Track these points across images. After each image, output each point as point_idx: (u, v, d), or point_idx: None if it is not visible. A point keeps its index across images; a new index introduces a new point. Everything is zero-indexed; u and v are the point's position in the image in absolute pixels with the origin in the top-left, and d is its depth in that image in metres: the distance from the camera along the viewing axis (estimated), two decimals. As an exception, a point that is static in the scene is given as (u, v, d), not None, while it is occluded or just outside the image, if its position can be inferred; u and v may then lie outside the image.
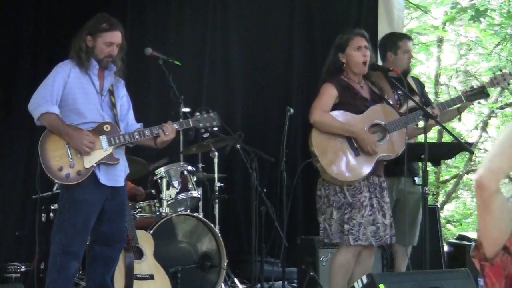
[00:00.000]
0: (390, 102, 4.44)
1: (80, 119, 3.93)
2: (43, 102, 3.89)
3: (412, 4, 10.43)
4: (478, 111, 11.63)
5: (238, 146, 5.02)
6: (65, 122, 3.89)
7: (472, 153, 8.68)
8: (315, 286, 4.87)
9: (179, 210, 5.27)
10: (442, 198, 12.33)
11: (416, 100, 4.46)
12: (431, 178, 11.59)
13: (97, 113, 3.97)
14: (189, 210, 5.33)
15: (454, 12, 10.81)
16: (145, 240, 4.67)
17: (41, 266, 4.73)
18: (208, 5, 6.84)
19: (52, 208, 4.86)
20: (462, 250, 6.02)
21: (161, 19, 6.70)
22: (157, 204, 5.18)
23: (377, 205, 4.25)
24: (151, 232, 4.80)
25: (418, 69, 11.70)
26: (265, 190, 4.90)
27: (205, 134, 4.37)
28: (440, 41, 12.20)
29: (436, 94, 11.79)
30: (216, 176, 5.45)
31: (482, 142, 12.17)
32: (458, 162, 12.17)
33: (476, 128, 12.11)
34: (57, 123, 3.88)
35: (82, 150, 3.85)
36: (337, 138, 4.26)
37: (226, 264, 5.12)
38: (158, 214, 5.11)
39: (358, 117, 4.28)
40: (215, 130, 4.22)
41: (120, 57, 4.07)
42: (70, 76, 3.96)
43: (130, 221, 4.52)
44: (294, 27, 7.10)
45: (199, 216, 5.20)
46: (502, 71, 4.74)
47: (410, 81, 4.94)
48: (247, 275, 5.51)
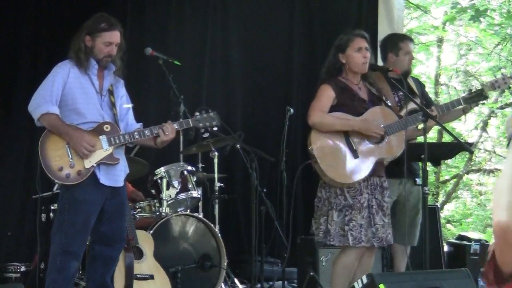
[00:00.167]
0: (389, 104, 4.42)
1: (80, 119, 3.93)
2: (43, 102, 3.89)
3: (412, 4, 10.43)
4: (478, 111, 11.62)
5: (238, 146, 5.02)
6: (65, 122, 3.89)
7: (472, 153, 8.71)
8: (315, 286, 4.87)
9: (179, 210, 5.26)
10: (442, 198, 12.32)
11: (416, 101, 4.45)
12: (431, 178, 11.59)
13: (96, 113, 3.97)
14: (189, 210, 5.32)
15: (454, 12, 10.81)
16: (145, 240, 4.67)
17: (41, 266, 4.73)
18: (208, 5, 6.83)
19: (52, 208, 4.85)
20: (462, 250, 6.02)
21: (161, 19, 6.70)
22: (157, 204, 5.17)
23: (376, 206, 4.24)
24: (151, 232, 4.80)
25: (418, 69, 11.70)
26: (265, 190, 4.90)
27: (205, 134, 4.36)
28: (440, 41, 12.20)
29: (436, 94, 11.78)
30: (216, 176, 5.44)
31: (482, 142, 12.18)
32: (458, 162, 12.16)
33: (476, 128, 12.11)
34: (57, 123, 3.88)
35: (80, 152, 3.84)
36: (336, 140, 4.24)
37: (226, 264, 5.12)
38: (158, 214, 5.11)
39: (357, 118, 4.26)
40: (215, 130, 4.21)
41: (119, 56, 4.07)
42: (69, 76, 3.96)
43: (130, 221, 4.52)
44: (294, 27, 7.10)
45: (199, 216, 5.20)
46: (503, 74, 4.73)
47: (410, 81, 4.92)
48: (247, 275, 5.51)
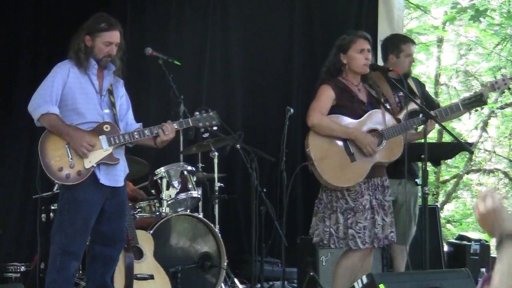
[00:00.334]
0: (388, 107, 4.40)
1: (79, 119, 3.92)
2: (43, 102, 3.89)
3: (412, 4, 10.43)
4: (478, 111, 11.61)
5: (238, 146, 5.02)
6: (65, 122, 3.89)
7: (472, 153, 8.69)
8: (315, 286, 4.87)
9: (179, 210, 5.26)
10: (442, 198, 12.32)
11: (416, 101, 4.44)
12: (431, 178, 11.58)
13: (96, 113, 3.97)
14: (189, 210, 5.32)
15: (454, 12, 10.80)
16: (145, 240, 4.66)
17: (41, 266, 4.73)
18: (208, 5, 6.83)
19: (52, 208, 4.85)
20: (462, 250, 6.02)
21: (161, 19, 6.69)
22: (157, 204, 5.17)
23: (377, 206, 4.23)
24: (151, 232, 4.80)
25: (418, 69, 11.69)
26: (265, 190, 4.89)
27: (205, 134, 4.36)
28: (440, 41, 12.19)
29: (436, 94, 11.78)
30: (216, 176, 5.44)
31: (482, 142, 12.17)
32: (458, 162, 12.15)
33: (476, 128, 12.10)
34: (57, 124, 3.88)
35: (80, 152, 3.84)
36: (334, 143, 4.22)
37: (226, 264, 5.12)
38: (158, 214, 5.11)
39: (356, 122, 4.25)
40: (215, 129, 4.21)
41: (119, 56, 4.07)
42: (69, 76, 3.95)
43: (130, 221, 4.52)
44: (294, 27, 7.10)
45: (199, 216, 5.20)
46: (503, 75, 4.71)
47: (410, 82, 4.90)
48: (247, 275, 5.51)
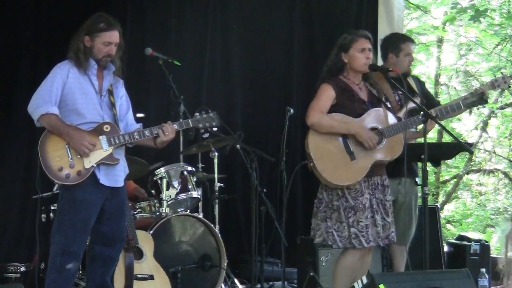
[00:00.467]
0: (389, 106, 4.40)
1: (79, 119, 3.92)
2: (42, 103, 3.89)
3: (412, 4, 10.42)
4: (478, 111, 11.61)
5: (238, 146, 5.02)
6: (65, 122, 3.89)
7: (472, 153, 8.70)
8: (315, 286, 4.87)
9: (179, 210, 5.26)
10: (442, 198, 12.32)
11: (416, 101, 4.44)
12: (431, 178, 11.58)
13: (96, 113, 3.96)
14: (189, 211, 5.32)
15: (454, 12, 10.80)
16: (145, 240, 4.67)
17: (41, 266, 4.73)
18: (208, 5, 6.83)
19: (52, 208, 4.85)
20: (462, 250, 6.02)
21: (161, 19, 6.69)
22: (157, 204, 5.17)
23: (376, 205, 4.24)
24: (151, 232, 4.80)
25: (418, 69, 11.69)
26: (265, 190, 4.89)
27: (205, 134, 4.36)
28: (440, 41, 12.18)
29: (436, 94, 11.77)
30: (216, 176, 5.44)
31: (482, 142, 12.17)
32: (458, 162, 12.15)
33: (476, 128, 12.09)
34: (57, 124, 3.87)
35: (81, 151, 3.84)
36: (333, 142, 4.22)
37: (226, 264, 5.12)
38: (158, 214, 5.11)
39: (355, 120, 4.25)
40: (215, 130, 4.21)
41: (118, 56, 4.06)
42: (68, 76, 3.95)
43: (130, 221, 4.52)
44: (294, 27, 7.10)
45: (199, 216, 5.20)
46: (503, 73, 4.71)
47: (410, 80, 4.91)
48: (247, 275, 5.51)
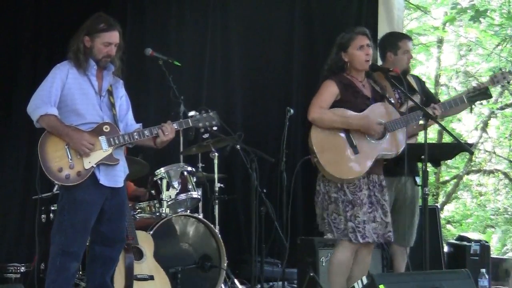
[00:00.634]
0: (392, 101, 4.43)
1: (79, 120, 3.92)
2: (42, 104, 3.88)
3: (412, 4, 10.43)
4: (478, 112, 11.62)
5: (238, 147, 5.01)
6: (64, 123, 3.89)
7: (472, 153, 8.68)
8: (315, 287, 4.87)
9: (179, 210, 5.26)
10: (442, 198, 12.32)
11: (416, 99, 4.45)
12: (431, 178, 11.58)
13: (96, 113, 3.96)
14: (189, 211, 5.32)
15: (454, 12, 10.80)
16: (145, 240, 4.66)
17: (41, 266, 4.73)
18: (208, 5, 6.83)
19: (52, 208, 4.86)
20: (462, 251, 6.02)
21: (161, 19, 6.69)
22: (157, 204, 5.17)
23: (376, 203, 4.25)
24: (151, 232, 4.79)
25: (418, 69, 11.69)
26: (265, 190, 4.90)
27: (205, 135, 4.37)
28: (440, 41, 12.19)
29: (436, 95, 11.78)
30: (216, 176, 5.45)
31: (482, 143, 12.17)
32: (458, 162, 12.15)
33: (476, 128, 12.10)
34: (56, 124, 3.87)
35: (81, 151, 3.84)
36: (336, 136, 4.24)
37: (226, 264, 5.12)
38: (158, 214, 5.11)
39: (358, 114, 4.27)
40: (215, 129, 4.21)
41: (118, 56, 4.06)
42: (68, 77, 3.95)
43: (130, 221, 4.52)
44: (294, 27, 7.10)
45: (199, 216, 5.20)
46: (502, 70, 4.74)
47: (410, 79, 4.93)
48: (247, 275, 5.51)
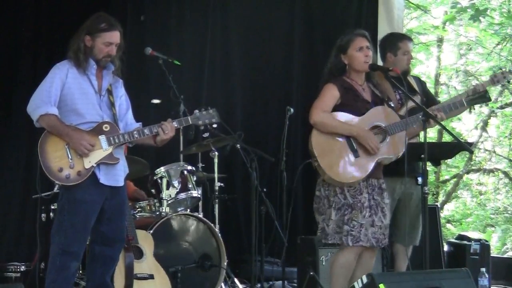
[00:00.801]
0: (392, 105, 4.42)
1: (79, 119, 3.92)
2: (42, 103, 3.89)
3: (412, 4, 10.42)
4: (478, 111, 11.61)
5: (238, 146, 5.02)
6: (64, 122, 3.89)
7: (472, 153, 8.70)
8: (315, 286, 4.87)
9: (179, 210, 5.26)
10: (442, 198, 12.32)
11: (416, 100, 4.45)
12: (431, 178, 11.58)
13: (95, 113, 3.96)
14: (189, 210, 5.32)
15: (454, 11, 10.80)
16: (145, 240, 4.67)
17: (41, 266, 4.73)
18: (208, 5, 6.83)
19: (52, 208, 4.85)
20: (462, 250, 6.02)
21: (161, 19, 6.70)
22: (157, 204, 5.17)
23: (375, 206, 4.24)
24: (151, 232, 4.80)
25: (418, 68, 11.70)
26: (265, 190, 4.90)
27: (205, 134, 4.37)
28: (440, 41, 12.19)
29: (436, 94, 11.78)
30: (216, 176, 5.45)
31: (482, 142, 12.18)
32: (458, 162, 12.15)
33: (476, 128, 12.10)
34: (56, 124, 3.87)
35: (81, 152, 3.84)
36: (337, 139, 4.24)
37: (226, 264, 5.12)
38: (158, 214, 5.11)
39: (359, 118, 4.27)
40: (215, 127, 4.22)
41: (118, 56, 4.06)
42: (68, 76, 3.95)
43: (130, 221, 4.52)
44: (294, 27, 7.10)
45: (199, 216, 5.20)
46: (502, 69, 4.73)
47: (411, 80, 4.93)
48: (247, 275, 5.51)
